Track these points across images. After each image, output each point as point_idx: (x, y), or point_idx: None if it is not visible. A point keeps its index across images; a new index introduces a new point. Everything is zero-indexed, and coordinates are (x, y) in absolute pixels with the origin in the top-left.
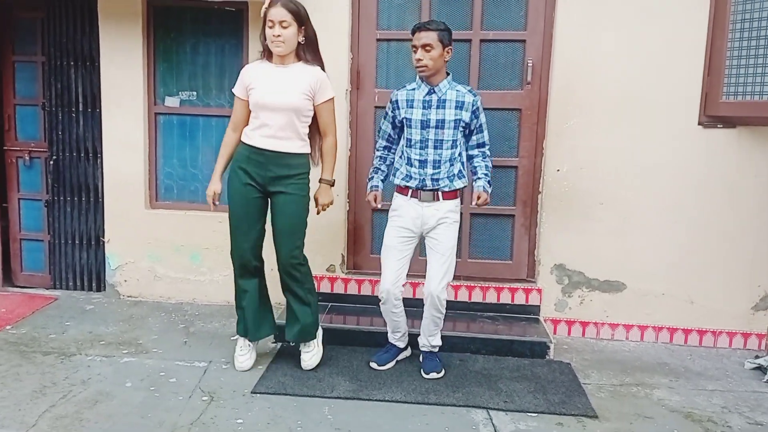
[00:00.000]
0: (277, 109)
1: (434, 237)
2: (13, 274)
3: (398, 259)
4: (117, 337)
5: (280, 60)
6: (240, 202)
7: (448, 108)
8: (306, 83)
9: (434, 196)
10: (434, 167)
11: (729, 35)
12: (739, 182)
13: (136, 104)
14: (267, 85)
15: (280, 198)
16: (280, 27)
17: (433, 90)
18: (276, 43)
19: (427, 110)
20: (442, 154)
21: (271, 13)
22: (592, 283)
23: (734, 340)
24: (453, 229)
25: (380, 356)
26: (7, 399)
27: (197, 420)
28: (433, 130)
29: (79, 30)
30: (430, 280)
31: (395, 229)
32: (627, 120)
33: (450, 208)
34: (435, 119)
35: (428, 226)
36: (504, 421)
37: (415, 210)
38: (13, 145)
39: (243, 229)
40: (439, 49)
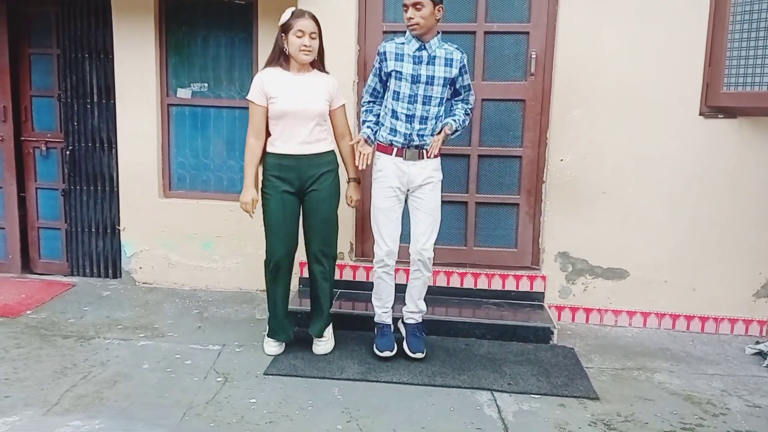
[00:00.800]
0: (305, 116)
1: (420, 197)
2: (32, 262)
3: (393, 218)
4: (133, 322)
5: (299, 68)
6: (278, 210)
7: (438, 65)
8: (325, 89)
9: (419, 154)
10: (421, 123)
11: (729, 26)
12: (739, 171)
13: (149, 96)
14: (291, 93)
15: (314, 195)
16: (309, 38)
17: (423, 46)
18: (305, 52)
19: (417, 65)
20: (429, 110)
21: (302, 24)
22: (596, 270)
23: (736, 326)
24: (437, 188)
25: (382, 342)
26: (30, 379)
27: (212, 399)
28: (423, 85)
29: (93, 23)
30: (417, 239)
31: (384, 190)
32: (629, 110)
33: (435, 166)
34: (426, 75)
35: (414, 184)
36: (508, 402)
37: (401, 169)
38: (30, 136)
39: (281, 235)
40: (430, 7)
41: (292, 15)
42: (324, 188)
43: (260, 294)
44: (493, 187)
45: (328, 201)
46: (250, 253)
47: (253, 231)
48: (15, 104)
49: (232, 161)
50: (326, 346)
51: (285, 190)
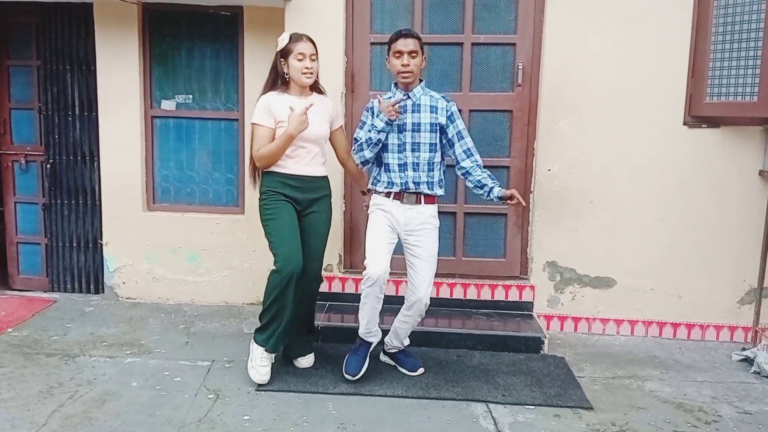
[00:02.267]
0: (312, 140)
1: (417, 244)
2: (10, 278)
3: (387, 243)
4: (119, 338)
5: (301, 91)
6: (286, 215)
7: (423, 111)
8: (326, 112)
9: (416, 198)
10: (414, 169)
11: (712, 38)
12: (723, 180)
13: (132, 108)
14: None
15: (314, 217)
16: (310, 60)
17: (407, 95)
18: (307, 74)
19: (402, 114)
20: (420, 156)
21: (302, 47)
22: (584, 279)
23: (721, 333)
24: (435, 234)
25: (351, 362)
26: (15, 399)
27: (205, 417)
28: (409, 133)
29: (75, 34)
30: (418, 288)
31: (381, 218)
32: (615, 121)
33: (431, 212)
34: (411, 122)
35: (409, 227)
36: (503, 414)
37: (398, 210)
38: (9, 149)
39: (293, 239)
40: (420, 57)
41: (290, 39)
42: (323, 211)
43: (247, 308)
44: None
45: (325, 224)
46: (236, 266)
47: (240, 243)
48: None
49: (217, 173)
50: (310, 359)
51: (288, 201)
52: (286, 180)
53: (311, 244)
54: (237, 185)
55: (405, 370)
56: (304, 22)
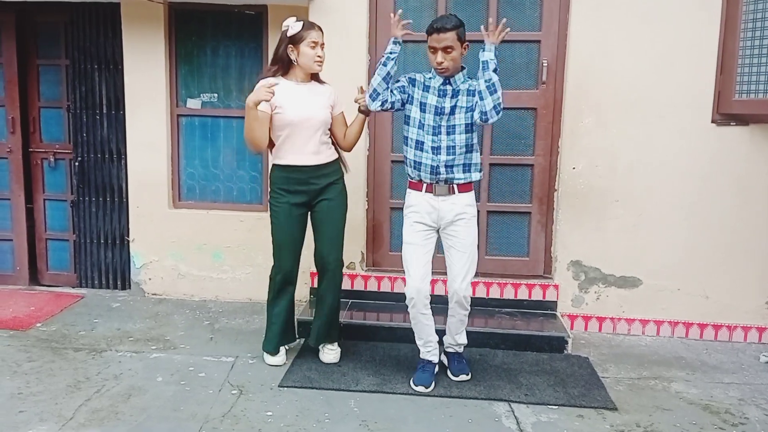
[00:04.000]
0: (310, 126)
1: (453, 234)
2: (40, 273)
3: (422, 254)
4: (145, 334)
5: (303, 77)
6: (287, 223)
7: (462, 96)
8: (326, 98)
9: (449, 189)
10: (448, 153)
11: (741, 34)
12: (751, 179)
13: (158, 106)
14: (296, 103)
15: (324, 205)
16: (321, 48)
17: (448, 81)
18: (318, 62)
19: (442, 98)
20: (455, 139)
21: (315, 36)
22: (608, 278)
23: (749, 334)
24: (472, 224)
25: (419, 376)
26: (43, 393)
27: (228, 412)
28: (446, 116)
29: (103, 34)
30: (454, 279)
31: (414, 225)
32: (641, 118)
33: (467, 201)
34: (449, 106)
35: (445, 221)
36: (526, 414)
37: (431, 204)
38: (38, 147)
39: (290, 248)
40: (459, 48)
41: (303, 27)
42: (334, 197)
43: None
44: (504, 196)
45: (339, 210)
46: (260, 263)
47: (263, 241)
48: (23, 115)
49: (241, 171)
50: (335, 354)
51: (294, 203)
52: (290, 173)
53: (325, 231)
54: (261, 183)
55: (450, 374)
56: (328, 21)
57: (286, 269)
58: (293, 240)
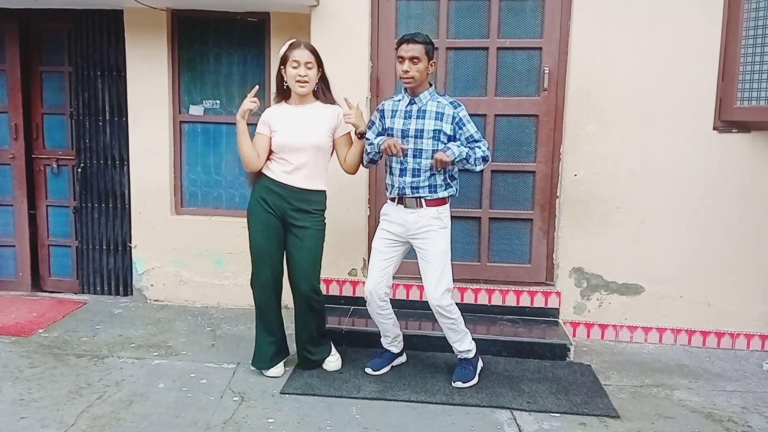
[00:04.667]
0: (300, 148)
1: (421, 246)
2: (42, 279)
3: (382, 260)
4: (146, 340)
5: (300, 100)
6: (262, 231)
7: (428, 118)
8: (326, 121)
9: (417, 202)
10: (413, 175)
11: (742, 41)
12: (754, 186)
13: (161, 113)
14: (289, 125)
15: (299, 232)
16: (305, 68)
17: (413, 101)
18: (301, 83)
19: (407, 120)
20: (421, 162)
21: (296, 54)
22: (611, 286)
23: (752, 342)
24: (441, 235)
25: (374, 361)
26: (45, 399)
27: (230, 419)
28: (412, 139)
29: (106, 41)
30: (426, 289)
31: (381, 232)
32: (643, 125)
33: (433, 215)
34: (414, 128)
35: (412, 232)
36: (528, 421)
37: (400, 216)
38: (41, 153)
39: (265, 258)
40: (425, 62)
41: (289, 46)
42: (312, 227)
43: None
44: (506, 203)
45: (313, 240)
46: None
47: None
48: (26, 122)
49: (243, 178)
50: (336, 362)
51: (269, 212)
52: (272, 185)
53: (298, 260)
54: None
55: (453, 379)
56: (330, 28)
57: (262, 281)
58: (269, 248)
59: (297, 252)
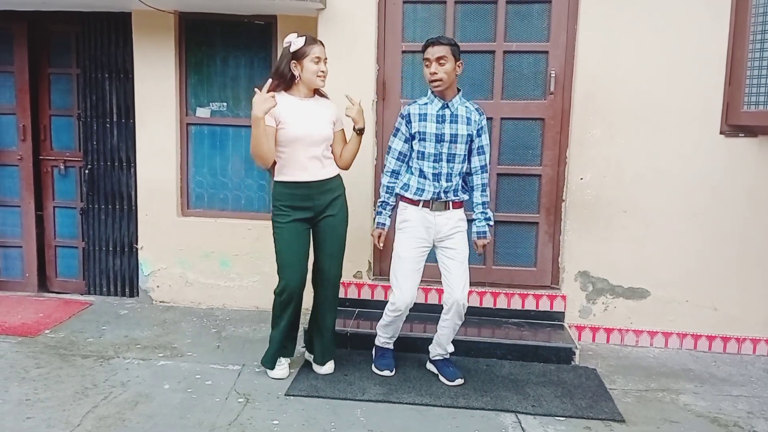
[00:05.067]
0: (313, 142)
1: (451, 246)
2: (48, 280)
3: (415, 270)
4: (152, 341)
5: (306, 93)
6: (292, 240)
7: (461, 123)
8: (329, 114)
9: (445, 205)
10: (447, 180)
11: (749, 46)
12: (760, 190)
13: (168, 115)
14: (301, 118)
15: (329, 221)
16: (324, 63)
17: (446, 105)
18: (321, 77)
19: (441, 124)
20: (454, 167)
21: (318, 51)
22: (616, 290)
23: (758, 346)
24: (465, 237)
25: (385, 362)
26: (51, 400)
27: (234, 421)
28: (447, 144)
29: (114, 43)
30: (454, 289)
31: (410, 240)
32: (649, 129)
33: (460, 216)
34: (449, 133)
35: (441, 234)
36: (533, 425)
37: (427, 219)
38: (49, 155)
39: (296, 265)
40: (452, 63)
41: (306, 42)
42: (338, 212)
43: None
44: (512, 206)
45: (342, 225)
46: (267, 271)
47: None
48: (34, 123)
49: (250, 180)
50: (331, 366)
51: (297, 219)
52: (294, 189)
53: (327, 246)
54: (269, 191)
55: (444, 379)
56: (336, 31)
57: (293, 287)
58: (300, 257)
59: (329, 241)
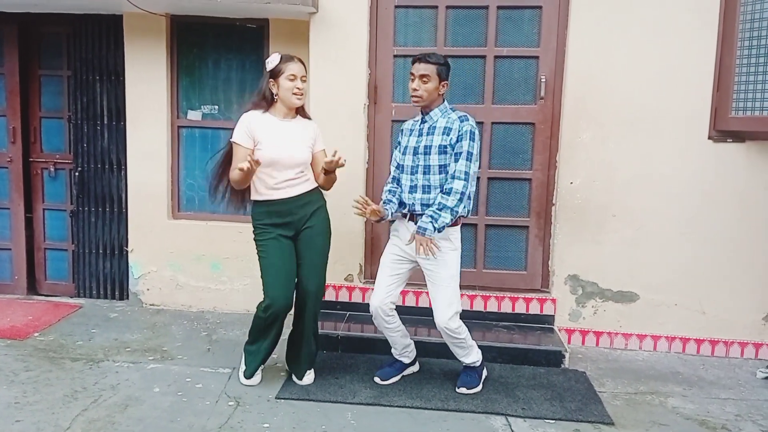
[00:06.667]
0: (290, 164)
1: (429, 268)
2: (38, 283)
3: (389, 275)
4: (142, 344)
5: (286, 113)
6: (277, 256)
7: (437, 135)
8: (309, 136)
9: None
10: (423, 192)
11: (737, 52)
12: (748, 195)
13: (159, 117)
14: (278, 140)
15: (307, 232)
16: (301, 81)
17: (425, 118)
18: (298, 96)
19: (419, 137)
20: (430, 179)
21: (294, 68)
22: (606, 293)
23: (746, 350)
24: (450, 257)
25: (384, 371)
26: (40, 403)
27: (225, 424)
28: (421, 156)
29: (105, 45)
30: (435, 313)
31: (390, 247)
32: (638, 134)
33: (442, 236)
34: (423, 145)
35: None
36: (523, 428)
37: (409, 231)
38: (39, 157)
39: (282, 283)
40: (436, 82)
41: (281, 60)
42: (318, 224)
43: None
44: (502, 210)
45: (322, 236)
46: (258, 274)
47: None
48: (24, 125)
49: None
50: (311, 376)
51: (280, 235)
52: (272, 208)
53: (307, 258)
54: None
55: (458, 384)
56: (328, 36)
57: (278, 307)
58: (286, 273)
59: (309, 253)
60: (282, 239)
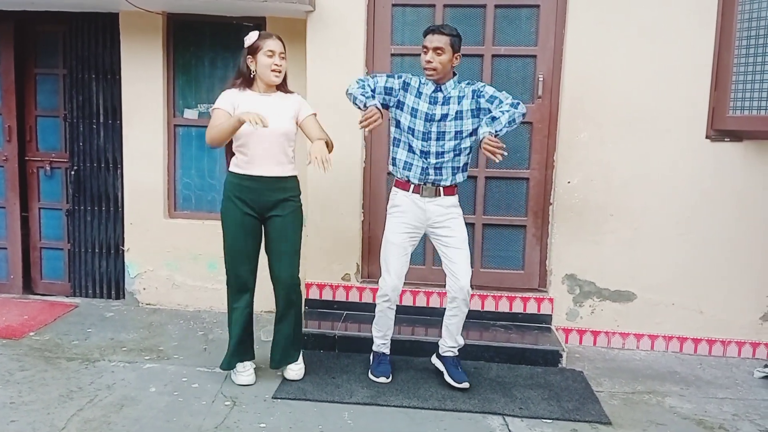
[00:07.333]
0: (271, 135)
1: (447, 234)
2: (33, 282)
3: (402, 255)
4: (138, 344)
5: (267, 89)
6: (239, 233)
7: (453, 103)
8: (290, 108)
9: (435, 191)
10: (437, 157)
11: (735, 51)
12: (746, 194)
13: (155, 116)
14: (259, 111)
15: (278, 221)
16: (279, 57)
17: (439, 88)
18: (276, 72)
19: (433, 105)
20: (444, 145)
21: (272, 45)
22: (603, 293)
23: (743, 349)
24: (461, 221)
25: (381, 369)
26: (35, 403)
27: (221, 424)
28: (436, 123)
29: (101, 44)
30: (458, 277)
31: (397, 225)
32: (636, 133)
33: (452, 202)
34: (440, 113)
35: (433, 221)
36: (520, 427)
37: (417, 205)
38: (35, 156)
39: (242, 258)
40: (449, 54)
41: (259, 36)
42: (288, 214)
43: (265, 315)
44: (500, 209)
45: (292, 226)
46: None
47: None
48: (20, 124)
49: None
50: (299, 371)
51: (246, 213)
52: (243, 181)
53: (277, 248)
54: None
55: (450, 380)
56: (326, 34)
57: (239, 280)
58: (246, 249)
59: (278, 242)
60: (247, 217)
